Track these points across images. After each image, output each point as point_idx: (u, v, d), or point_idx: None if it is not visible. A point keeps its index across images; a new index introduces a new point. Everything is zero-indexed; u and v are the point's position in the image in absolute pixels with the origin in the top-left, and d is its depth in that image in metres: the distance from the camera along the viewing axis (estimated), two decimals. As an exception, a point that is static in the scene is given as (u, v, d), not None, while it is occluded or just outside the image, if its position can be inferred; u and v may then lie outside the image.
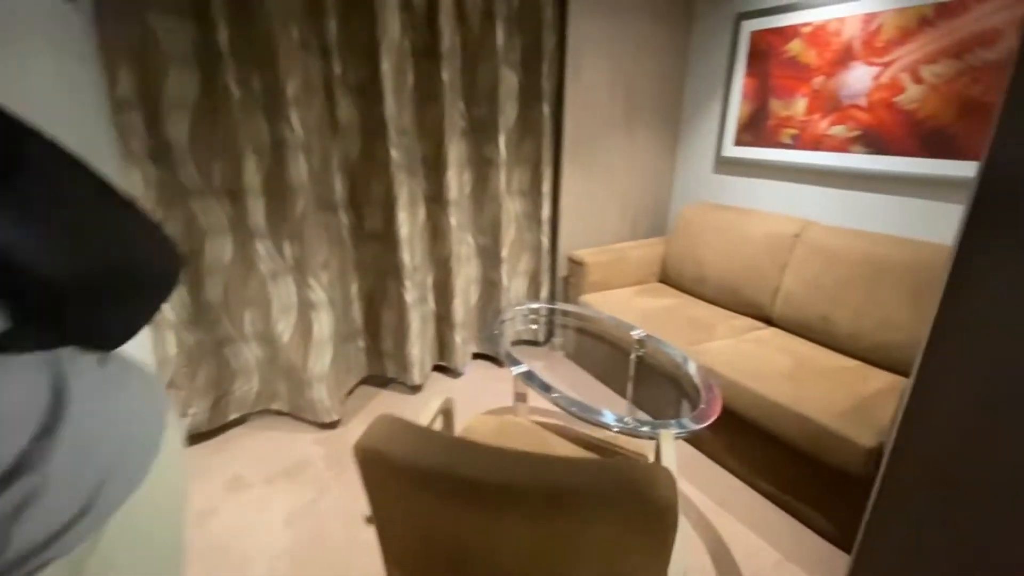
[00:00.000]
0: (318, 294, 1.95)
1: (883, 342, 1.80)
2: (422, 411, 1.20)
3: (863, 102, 1.96)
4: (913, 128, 1.84)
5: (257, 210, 1.85)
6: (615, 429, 1.24)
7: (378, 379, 2.49)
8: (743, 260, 2.27)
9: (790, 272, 2.11)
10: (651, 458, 1.31)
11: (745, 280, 2.26)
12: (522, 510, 0.70)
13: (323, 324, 1.99)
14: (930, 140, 1.80)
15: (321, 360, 2.01)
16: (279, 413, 2.19)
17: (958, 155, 1.74)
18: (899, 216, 1.94)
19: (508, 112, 2.33)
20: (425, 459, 0.72)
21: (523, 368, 1.50)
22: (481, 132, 2.29)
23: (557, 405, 1.33)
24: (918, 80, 1.80)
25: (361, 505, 1.67)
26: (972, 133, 1.69)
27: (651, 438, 1.23)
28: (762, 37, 2.28)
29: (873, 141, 1.96)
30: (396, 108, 1.99)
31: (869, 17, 1.89)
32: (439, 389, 2.43)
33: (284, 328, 1.98)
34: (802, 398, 1.59)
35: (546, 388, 1.39)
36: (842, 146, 2.06)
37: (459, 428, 1.41)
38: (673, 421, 1.25)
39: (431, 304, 2.44)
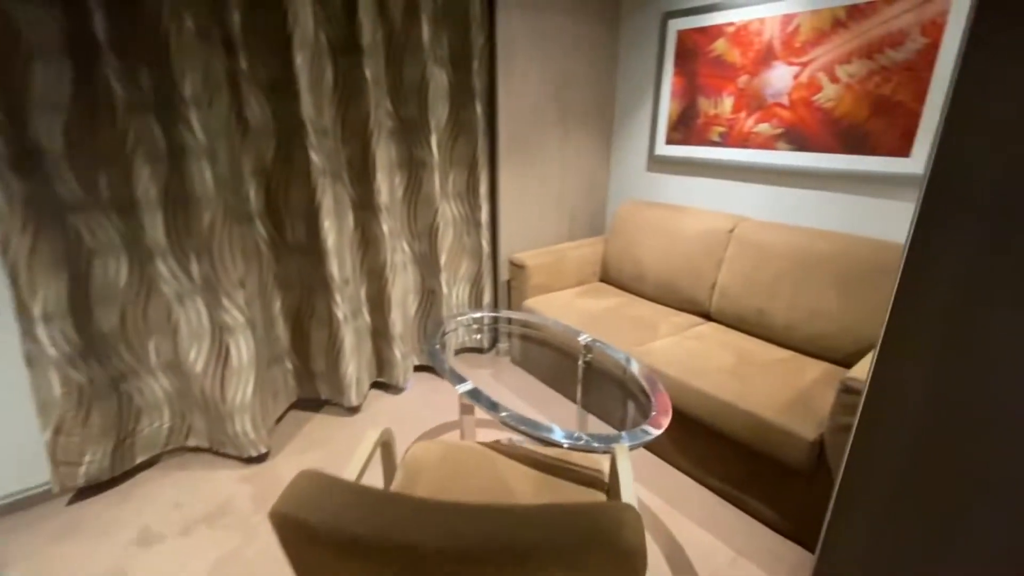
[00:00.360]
0: (234, 316, 1.75)
1: (815, 333, 1.86)
2: (355, 451, 1.07)
3: (785, 100, 2.03)
4: (831, 126, 1.92)
5: (155, 225, 1.62)
6: (566, 446, 1.17)
7: (311, 402, 2.30)
8: (680, 257, 2.29)
9: (725, 268, 2.16)
10: (606, 469, 1.26)
11: (683, 277, 2.28)
12: None
13: (242, 349, 1.79)
14: (847, 137, 1.89)
15: (242, 389, 1.81)
16: (197, 450, 1.96)
17: (872, 151, 1.83)
18: (823, 210, 2.02)
19: (439, 112, 2.22)
20: (353, 524, 0.61)
21: (468, 386, 1.40)
22: (411, 132, 2.16)
23: (505, 425, 1.24)
24: (834, 79, 1.87)
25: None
26: (884, 130, 1.78)
27: (605, 452, 1.18)
28: (688, 36, 2.31)
29: (796, 138, 2.03)
30: (314, 107, 1.82)
31: (787, 18, 1.95)
32: (379, 409, 2.28)
33: (197, 356, 1.76)
34: (746, 394, 1.61)
35: (493, 406, 1.30)
36: (768, 143, 2.12)
37: (400, 457, 1.29)
38: (625, 434, 1.20)
39: (366, 318, 2.28)
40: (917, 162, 1.73)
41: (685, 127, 2.42)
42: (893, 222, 1.84)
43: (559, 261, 2.53)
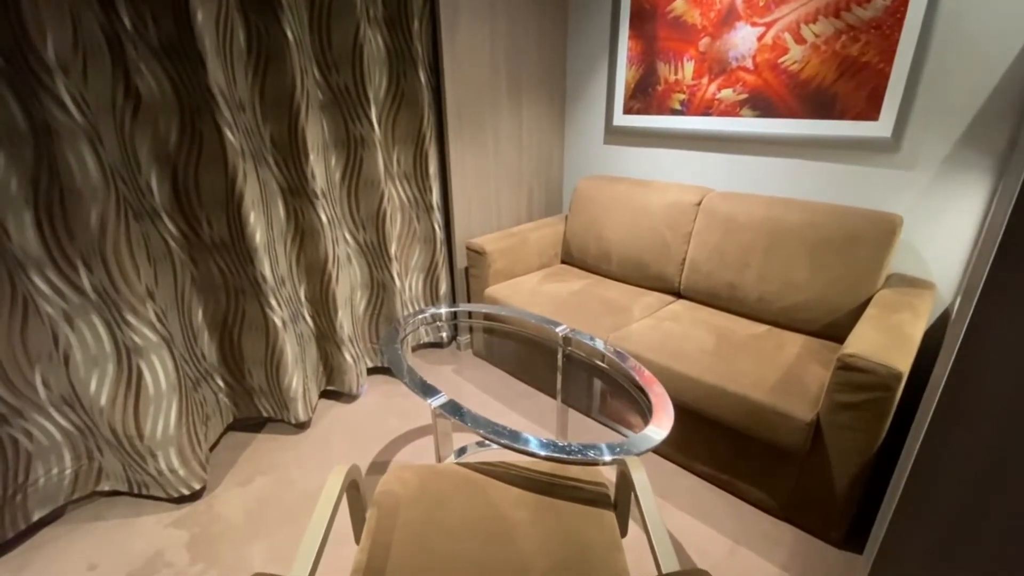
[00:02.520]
0: (144, 334, 1.44)
1: (788, 305, 1.81)
2: (318, 506, 0.85)
3: (749, 64, 1.93)
4: (798, 89, 1.85)
5: (23, 229, 1.28)
6: (570, 459, 1.02)
7: (250, 422, 2.02)
8: (646, 233, 2.19)
9: (694, 242, 2.07)
10: (608, 479, 1.12)
11: (650, 254, 2.18)
12: None
13: (158, 371, 1.49)
14: (814, 101, 1.82)
15: (163, 418, 1.52)
16: (114, 494, 1.64)
17: (840, 115, 1.78)
18: (791, 178, 1.97)
19: (377, 80, 1.95)
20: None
21: (442, 399, 1.21)
22: (346, 105, 1.88)
23: (497, 443, 1.07)
24: (800, 40, 1.79)
25: (247, 607, 1.28)
26: (852, 93, 1.73)
27: (613, 463, 1.04)
28: (645, -5, 2.15)
29: (761, 104, 1.95)
30: (224, 76, 1.51)
31: (750, -26, 1.84)
32: (333, 422, 2.03)
33: (100, 386, 1.45)
34: (733, 376, 1.53)
35: (476, 422, 1.12)
36: (731, 110, 2.03)
37: (373, 492, 1.09)
38: (630, 440, 1.07)
39: (308, 321, 2.01)
40: (885, 125, 1.69)
41: (644, 95, 2.29)
42: (863, 188, 1.80)
43: (520, 244, 2.35)
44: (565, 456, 1.01)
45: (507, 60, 2.28)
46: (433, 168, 2.15)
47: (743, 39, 1.92)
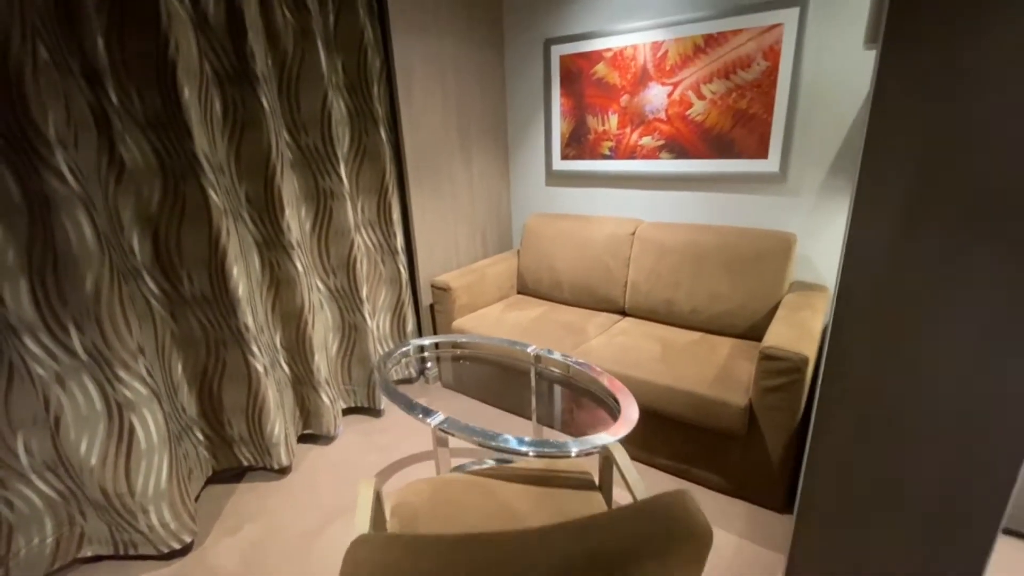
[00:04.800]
0: (136, 389, 1.48)
1: (716, 313, 2.14)
2: (357, 514, 0.98)
3: (663, 116, 2.31)
4: (703, 135, 2.23)
5: (18, 296, 1.32)
6: (574, 454, 1.21)
7: (228, 473, 2.02)
8: (591, 262, 2.47)
9: (633, 266, 2.38)
10: (592, 470, 1.32)
11: (597, 279, 2.46)
12: (575, 592, 0.62)
13: (150, 425, 1.52)
14: (717, 144, 2.21)
15: (155, 473, 1.54)
16: (97, 559, 1.61)
17: (738, 155, 2.17)
18: (706, 207, 2.34)
19: (343, 139, 2.13)
20: (462, 570, 0.58)
21: (440, 417, 1.37)
22: (315, 162, 2.03)
23: (499, 450, 1.24)
24: (701, 96, 2.19)
25: (264, 641, 1.33)
26: (745, 137, 2.13)
27: (593, 452, 1.24)
28: (572, 61, 2.51)
29: (676, 148, 2.32)
30: (208, 143, 1.63)
31: (656, 45, 2.23)
32: (314, 465, 2.08)
33: (90, 446, 1.46)
34: (680, 376, 1.79)
35: (476, 433, 1.28)
36: (652, 154, 2.40)
37: (389, 508, 1.21)
38: (607, 431, 1.28)
39: (284, 368, 2.08)
40: (773, 162, 2.09)
41: (578, 143, 2.63)
42: (764, 213, 2.19)
43: (480, 279, 2.56)
44: (565, 452, 1.20)
45: (457, 116, 2.54)
46: (396, 215, 2.33)
47: (656, 96, 2.30)
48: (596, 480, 1.27)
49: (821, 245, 2.09)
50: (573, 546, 0.62)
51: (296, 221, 1.98)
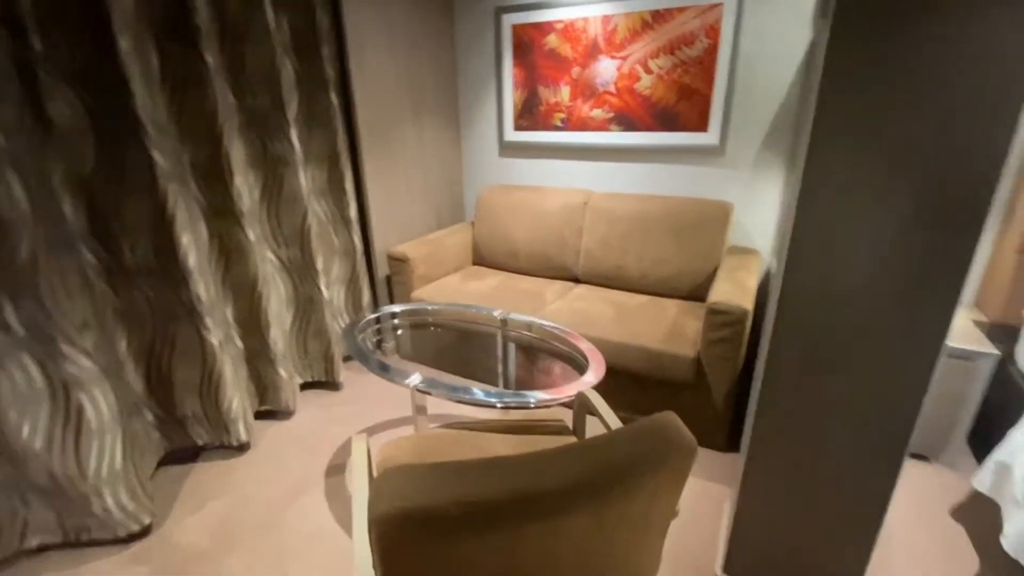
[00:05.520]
0: (82, 365, 1.39)
1: (663, 277, 2.30)
2: (353, 468, 1.01)
3: (613, 89, 2.40)
4: (650, 109, 2.35)
5: (-61, 265, 1.18)
6: (560, 399, 1.29)
7: (184, 452, 1.94)
8: (546, 231, 2.55)
9: (585, 235, 2.48)
10: (566, 419, 1.41)
11: (552, 248, 2.55)
12: (590, 504, 0.69)
13: (100, 403, 1.43)
14: (663, 118, 2.34)
15: (108, 453, 1.45)
16: (43, 549, 1.50)
17: (682, 128, 2.31)
18: (653, 178, 2.48)
19: (292, 102, 2.03)
20: (484, 491, 0.64)
21: (417, 378, 1.40)
22: (263, 126, 1.93)
23: (475, 404, 1.29)
24: (648, 71, 2.30)
25: (248, 607, 1.33)
26: (688, 111, 2.27)
27: (571, 399, 1.33)
28: (523, 31, 2.53)
29: (624, 121, 2.43)
30: (150, 99, 1.52)
31: (607, 18, 2.31)
32: (275, 440, 2.04)
33: (33, 430, 1.35)
34: (634, 334, 1.93)
35: (456, 389, 1.33)
36: (603, 126, 2.49)
37: (374, 464, 1.24)
38: (583, 377, 1.37)
39: (238, 343, 2.00)
40: (713, 136, 2.25)
41: (530, 114, 2.67)
42: (705, 183, 2.36)
43: (437, 250, 2.56)
44: (545, 400, 1.27)
45: (409, 85, 2.49)
46: (349, 184, 2.27)
47: (606, 69, 2.39)
48: (571, 426, 1.37)
49: (754, 213, 2.30)
50: (585, 463, 0.69)
51: (247, 188, 1.88)
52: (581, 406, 1.32)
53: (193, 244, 1.68)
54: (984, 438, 1.84)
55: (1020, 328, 1.83)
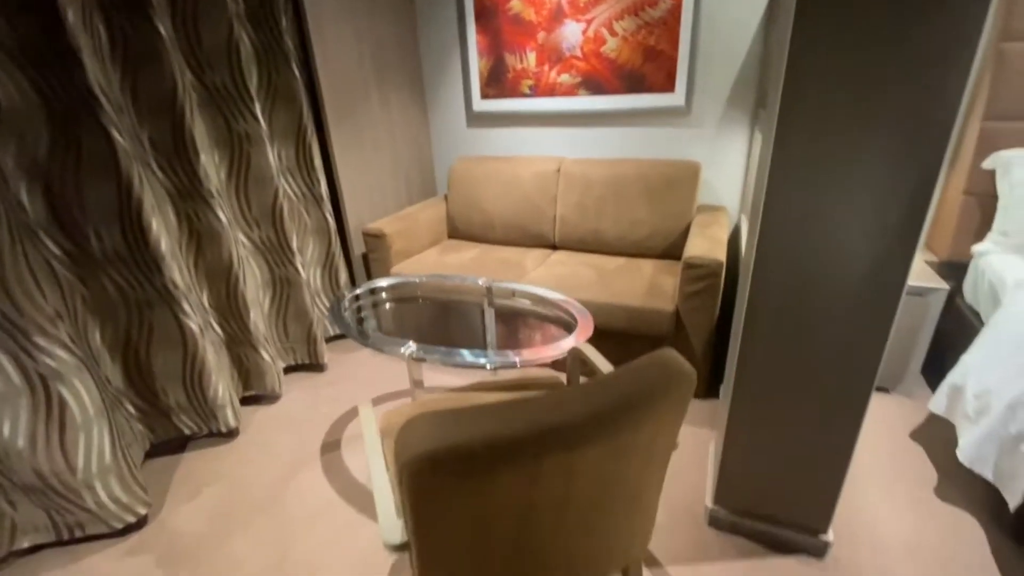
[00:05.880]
0: (59, 357, 1.33)
1: (638, 238, 2.36)
2: (364, 430, 1.02)
3: (579, 53, 2.40)
4: (617, 72, 2.37)
5: None
6: (553, 355, 1.32)
7: (170, 444, 1.90)
8: (521, 201, 2.57)
9: (560, 202, 2.51)
10: (560, 378, 1.46)
11: (527, 217, 2.57)
12: (605, 435, 0.74)
13: (83, 396, 1.38)
14: (629, 80, 2.37)
15: (97, 446, 1.42)
16: (35, 549, 1.47)
17: (649, 90, 2.35)
18: (622, 141, 2.51)
19: (252, 77, 1.95)
20: (509, 429, 0.67)
21: (412, 347, 1.41)
22: (226, 103, 1.86)
23: (472, 367, 1.32)
24: (613, 33, 2.31)
25: (260, 581, 1.34)
26: (655, 72, 2.30)
27: (563, 355, 1.37)
28: (486, -4, 2.49)
29: (592, 85, 2.44)
30: (104, 76, 1.43)
31: (570, -19, 2.29)
32: (264, 425, 2.02)
33: (13, 426, 1.30)
34: (616, 294, 1.99)
35: (453, 354, 1.35)
36: (571, 91, 2.50)
37: (375, 431, 1.25)
38: (572, 334, 1.41)
39: (217, 329, 1.95)
40: (680, 96, 2.30)
41: (497, 82, 2.64)
42: (673, 144, 2.42)
43: (412, 225, 2.54)
44: (539, 357, 1.31)
45: (371, 56, 2.42)
46: (318, 161, 2.21)
47: (571, 33, 2.38)
48: (565, 382, 1.42)
49: (721, 171, 2.37)
50: (601, 396, 0.73)
51: (213, 168, 1.81)
52: (574, 362, 1.36)
53: (164, 228, 1.61)
54: (937, 368, 2.01)
55: (967, 264, 1.98)
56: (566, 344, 1.36)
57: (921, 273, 1.91)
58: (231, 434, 1.95)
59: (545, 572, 0.88)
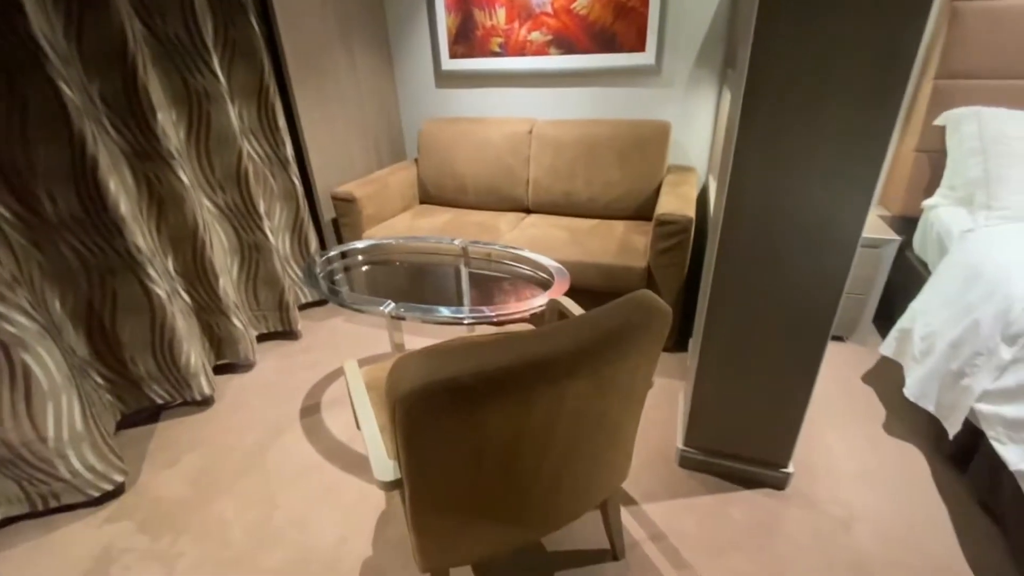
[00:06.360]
0: (20, 323, 1.28)
1: (610, 200, 2.39)
2: (350, 381, 1.03)
3: (550, 9, 2.36)
4: (588, 29, 2.35)
5: None
6: (528, 314, 1.35)
7: (142, 414, 1.86)
8: (493, 163, 2.55)
9: (533, 164, 2.51)
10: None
11: (500, 180, 2.56)
12: (588, 367, 0.77)
13: (48, 364, 1.34)
14: (600, 39, 2.35)
15: (67, 414, 1.38)
16: (8, 522, 1.43)
17: (620, 49, 2.34)
18: (593, 102, 2.51)
19: (207, 28, 1.84)
20: (497, 361, 0.70)
21: (390, 305, 1.41)
22: (180, 56, 1.75)
23: (451, 322, 1.34)
24: (584, -11, 2.27)
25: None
26: (626, 31, 2.29)
27: (543, 307, 1.40)
28: (452, -53, 2.40)
29: (563, 43, 2.41)
30: (48, 24, 1.33)
31: (539, -68, 2.23)
32: (240, 393, 2.00)
33: (-27, 395, 1.25)
34: (588, 253, 2.02)
35: (431, 310, 1.36)
36: (542, 50, 2.46)
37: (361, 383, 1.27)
38: (548, 290, 1.44)
39: (184, 296, 1.90)
40: (650, 55, 2.30)
41: (466, 40, 2.58)
42: (644, 104, 2.43)
43: (383, 189, 2.50)
44: (524, 311, 1.33)
45: (335, 11, 2.32)
46: (282, 121, 2.13)
47: (542, -12, 2.33)
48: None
49: (690, 131, 2.41)
50: (587, 330, 0.76)
51: (171, 127, 1.73)
52: (552, 315, 1.40)
53: (122, 189, 1.54)
54: (887, 318, 2.15)
55: (917, 219, 2.09)
56: (544, 298, 1.39)
57: (875, 226, 2.02)
58: (206, 402, 1.92)
59: (531, 505, 0.93)
